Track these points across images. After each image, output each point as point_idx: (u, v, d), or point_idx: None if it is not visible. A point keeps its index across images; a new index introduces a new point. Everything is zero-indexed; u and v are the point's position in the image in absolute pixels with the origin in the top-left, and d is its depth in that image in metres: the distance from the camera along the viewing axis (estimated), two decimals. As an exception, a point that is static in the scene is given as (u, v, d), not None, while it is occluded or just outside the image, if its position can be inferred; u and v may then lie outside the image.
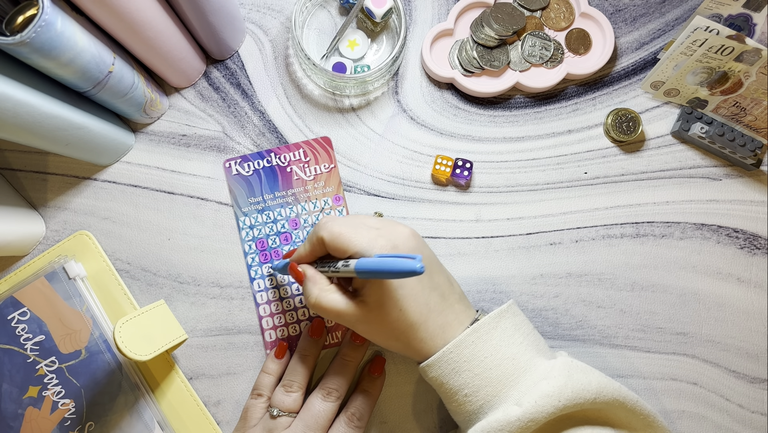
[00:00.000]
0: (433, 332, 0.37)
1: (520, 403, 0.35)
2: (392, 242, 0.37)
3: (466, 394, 0.36)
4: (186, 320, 0.47)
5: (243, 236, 0.48)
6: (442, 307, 0.38)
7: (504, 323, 0.38)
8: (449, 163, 0.47)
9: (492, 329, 0.37)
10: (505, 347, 0.37)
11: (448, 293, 0.38)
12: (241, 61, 0.50)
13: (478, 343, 0.37)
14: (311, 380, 0.45)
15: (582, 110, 0.50)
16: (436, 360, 0.37)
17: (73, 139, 0.41)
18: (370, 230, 0.37)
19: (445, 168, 0.47)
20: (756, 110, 0.47)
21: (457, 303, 0.39)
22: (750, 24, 0.46)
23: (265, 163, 0.48)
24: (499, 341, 0.37)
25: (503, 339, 0.37)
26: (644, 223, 0.48)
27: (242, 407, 0.46)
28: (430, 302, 0.37)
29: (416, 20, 0.50)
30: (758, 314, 0.48)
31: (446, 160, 0.47)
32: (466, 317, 0.39)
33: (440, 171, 0.47)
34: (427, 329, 0.37)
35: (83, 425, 0.43)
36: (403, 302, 0.37)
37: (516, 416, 0.34)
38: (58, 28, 0.34)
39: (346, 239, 0.36)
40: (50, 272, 0.44)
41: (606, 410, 0.36)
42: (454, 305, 0.38)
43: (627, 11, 0.51)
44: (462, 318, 0.38)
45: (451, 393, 0.37)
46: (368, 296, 0.37)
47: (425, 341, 0.37)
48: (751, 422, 0.47)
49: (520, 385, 0.36)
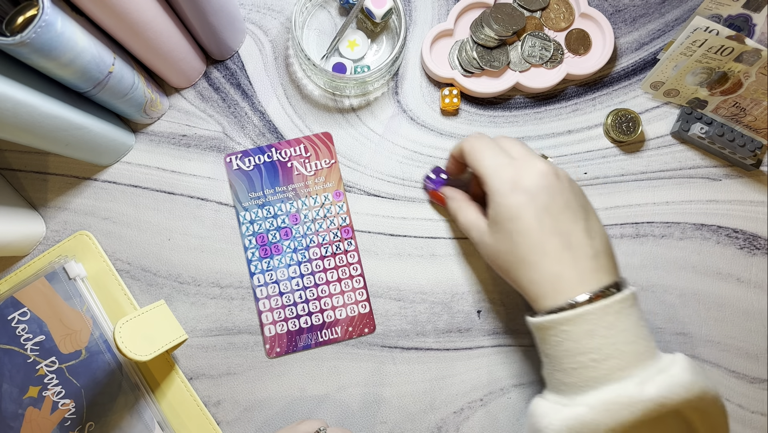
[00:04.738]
0: (543, 278, 0.36)
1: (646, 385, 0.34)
2: (518, 175, 0.38)
3: (594, 359, 0.35)
4: (186, 320, 0.47)
5: (243, 231, 0.48)
6: (563, 256, 0.36)
7: (639, 304, 0.37)
8: (455, 92, 0.48)
9: (632, 305, 0.36)
10: (641, 326, 0.36)
11: (578, 246, 0.36)
12: (241, 61, 0.50)
13: (622, 313, 0.35)
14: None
15: (582, 110, 0.50)
16: (576, 316, 0.35)
17: (73, 139, 0.41)
18: (506, 158, 0.39)
19: (454, 98, 0.48)
20: (756, 110, 0.47)
21: (585, 260, 0.36)
22: (750, 24, 0.46)
23: (266, 159, 0.48)
24: (637, 319, 0.36)
25: (640, 319, 0.36)
26: (644, 223, 0.48)
27: (242, 407, 0.46)
28: (547, 246, 0.36)
29: (416, 20, 0.50)
30: (758, 314, 0.48)
31: (450, 90, 0.48)
32: (592, 279, 0.36)
33: (450, 104, 0.48)
34: (539, 270, 0.37)
35: (83, 425, 0.43)
36: (514, 235, 0.37)
37: (648, 396, 0.33)
38: (58, 28, 0.34)
39: (479, 157, 0.40)
40: (50, 272, 0.44)
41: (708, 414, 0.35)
42: (582, 260, 0.36)
43: (627, 11, 0.51)
44: (586, 278, 0.36)
45: (574, 353, 0.35)
46: (490, 221, 0.39)
47: (534, 283, 0.37)
48: (751, 422, 0.47)
49: (648, 368, 0.35)
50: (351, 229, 0.48)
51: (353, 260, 0.48)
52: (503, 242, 0.38)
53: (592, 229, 0.38)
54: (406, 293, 0.48)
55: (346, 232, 0.48)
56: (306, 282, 0.48)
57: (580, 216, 0.38)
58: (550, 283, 0.36)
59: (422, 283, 0.48)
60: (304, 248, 0.48)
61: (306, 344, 0.47)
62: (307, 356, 0.47)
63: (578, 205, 0.38)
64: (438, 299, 0.48)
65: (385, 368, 0.47)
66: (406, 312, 0.47)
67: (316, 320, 0.47)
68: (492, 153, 0.39)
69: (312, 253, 0.48)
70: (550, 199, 0.37)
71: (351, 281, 0.48)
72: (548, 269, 0.37)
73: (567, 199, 0.37)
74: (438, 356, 0.47)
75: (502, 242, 0.38)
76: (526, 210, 0.37)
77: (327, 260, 0.48)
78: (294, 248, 0.48)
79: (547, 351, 0.38)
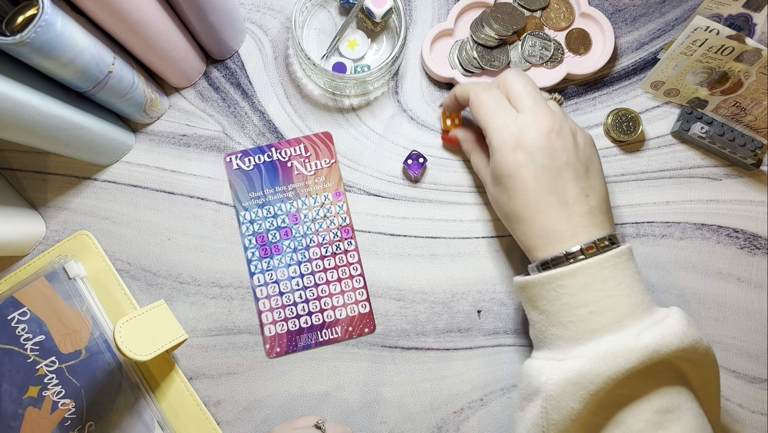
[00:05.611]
0: (537, 232, 0.38)
1: (641, 335, 0.35)
2: (521, 133, 0.38)
3: (591, 311, 0.36)
4: (186, 320, 0.47)
5: (243, 231, 0.48)
6: (556, 212, 0.38)
7: (634, 259, 0.38)
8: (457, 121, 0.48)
9: (628, 259, 0.37)
10: (637, 280, 0.37)
11: (573, 203, 0.38)
12: (241, 61, 0.50)
13: (618, 267, 0.37)
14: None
15: (582, 110, 0.50)
16: (573, 270, 0.36)
17: (73, 139, 0.41)
18: (511, 114, 0.39)
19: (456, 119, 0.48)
20: (756, 110, 0.47)
21: (579, 216, 0.38)
22: (750, 24, 0.46)
23: (266, 158, 0.48)
24: (633, 273, 0.37)
25: (636, 273, 0.37)
26: (644, 223, 0.48)
27: (242, 406, 0.46)
28: (541, 203, 0.38)
29: (416, 20, 0.50)
30: (758, 314, 0.48)
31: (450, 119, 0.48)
32: (585, 234, 0.37)
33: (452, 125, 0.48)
34: (531, 226, 0.38)
35: (83, 425, 0.43)
36: (511, 192, 0.39)
37: (644, 344, 0.34)
38: (58, 28, 0.34)
39: (483, 111, 0.40)
40: (50, 272, 0.44)
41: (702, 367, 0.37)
42: (575, 217, 0.38)
43: (627, 11, 0.51)
44: (578, 233, 0.37)
45: (571, 307, 0.37)
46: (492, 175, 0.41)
47: (526, 235, 0.39)
48: (751, 422, 0.47)
49: (644, 320, 0.36)
50: (351, 229, 0.48)
51: (353, 259, 0.48)
52: (501, 194, 0.40)
53: (590, 186, 0.39)
54: (406, 292, 0.48)
55: (346, 232, 0.48)
56: (306, 282, 0.48)
57: (581, 173, 0.39)
58: (542, 237, 0.38)
59: (422, 283, 0.48)
60: (304, 248, 0.48)
61: (306, 343, 0.47)
62: (307, 355, 0.47)
63: (579, 163, 0.39)
64: (438, 299, 0.48)
65: (385, 367, 0.47)
66: (406, 312, 0.47)
67: (316, 320, 0.47)
68: (497, 109, 0.40)
69: (312, 253, 0.48)
70: (550, 158, 0.38)
71: (351, 280, 0.48)
72: (541, 224, 0.38)
73: (568, 158, 0.38)
74: (438, 356, 0.47)
75: (501, 195, 0.40)
76: (525, 169, 0.38)
77: (327, 260, 0.48)
78: (294, 247, 0.48)
79: (543, 307, 0.38)
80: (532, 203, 0.38)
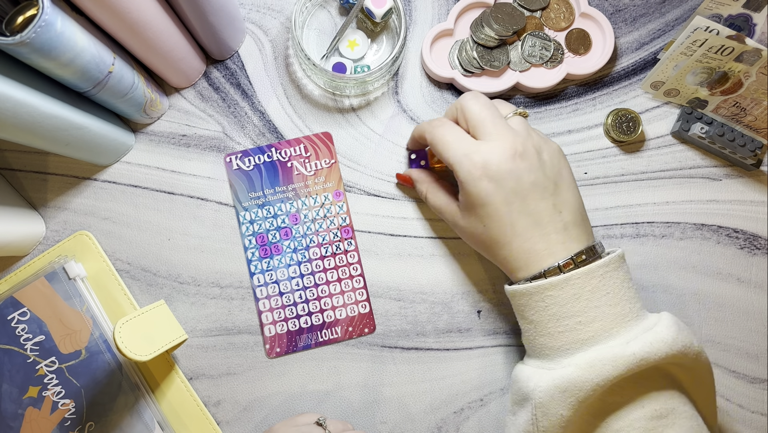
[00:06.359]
0: (517, 256, 0.39)
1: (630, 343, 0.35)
2: (485, 161, 0.38)
3: (580, 321, 0.36)
4: (186, 320, 0.47)
5: (243, 231, 0.48)
6: (532, 234, 0.38)
7: (624, 267, 0.38)
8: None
9: (617, 268, 0.38)
10: (625, 288, 0.37)
11: (546, 222, 0.38)
12: (241, 61, 0.50)
13: (606, 276, 0.37)
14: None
15: (582, 110, 0.50)
16: (561, 281, 0.37)
17: (73, 139, 0.41)
18: (472, 144, 0.39)
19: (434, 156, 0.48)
20: (756, 110, 0.47)
21: (555, 234, 0.38)
22: (750, 24, 0.46)
23: (266, 158, 0.48)
24: (621, 281, 0.37)
25: (625, 281, 0.38)
26: (644, 223, 0.48)
27: (242, 406, 0.46)
28: (517, 226, 0.38)
29: (416, 20, 0.50)
30: (758, 314, 0.48)
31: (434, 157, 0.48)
32: (561, 249, 0.38)
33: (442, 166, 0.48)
34: (511, 249, 0.39)
35: (83, 425, 0.43)
36: (485, 220, 0.39)
37: (632, 352, 0.35)
38: (58, 28, 0.34)
39: (444, 148, 0.40)
40: (50, 272, 0.44)
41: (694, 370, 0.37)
42: (551, 235, 0.38)
43: (627, 11, 0.51)
44: (555, 249, 0.38)
45: (559, 317, 0.37)
46: (462, 206, 0.41)
47: (508, 260, 0.39)
48: (751, 422, 0.47)
49: (633, 328, 0.36)
50: (351, 229, 0.48)
51: (353, 260, 0.48)
52: (476, 224, 0.40)
53: (562, 201, 0.39)
54: (406, 293, 0.48)
55: (346, 232, 0.48)
56: (306, 282, 0.48)
57: (550, 191, 0.39)
58: (522, 259, 0.39)
59: (422, 283, 0.48)
60: (304, 248, 0.48)
61: (306, 344, 0.47)
62: (307, 356, 0.47)
63: (547, 180, 0.39)
64: (438, 299, 0.48)
65: (385, 368, 0.47)
66: (406, 312, 0.47)
67: (316, 320, 0.47)
68: (457, 141, 0.40)
69: (312, 253, 0.48)
70: (517, 182, 0.38)
71: (351, 281, 0.48)
72: (520, 246, 0.39)
73: (535, 178, 0.38)
74: (438, 356, 0.47)
75: (476, 225, 0.40)
76: (495, 196, 0.38)
77: (327, 260, 0.48)
78: (294, 248, 0.48)
79: (531, 317, 0.39)
80: (508, 227, 0.39)
